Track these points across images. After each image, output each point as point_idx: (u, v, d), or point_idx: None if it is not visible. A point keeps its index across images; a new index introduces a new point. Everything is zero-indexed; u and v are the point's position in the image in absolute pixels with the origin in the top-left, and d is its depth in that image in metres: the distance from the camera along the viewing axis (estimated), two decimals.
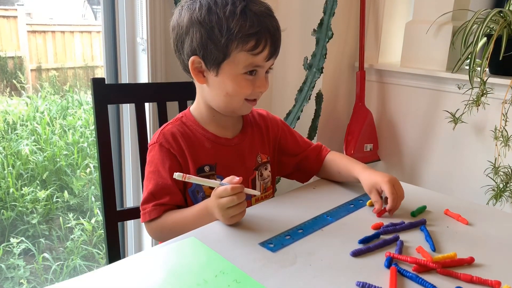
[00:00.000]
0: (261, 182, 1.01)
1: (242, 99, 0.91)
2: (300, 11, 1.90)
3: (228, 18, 0.83)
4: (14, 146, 2.19)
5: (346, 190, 1.02)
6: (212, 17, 0.83)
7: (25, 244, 1.94)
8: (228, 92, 0.89)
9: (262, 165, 1.01)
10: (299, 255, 0.72)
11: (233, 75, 0.87)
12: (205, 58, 0.87)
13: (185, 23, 0.86)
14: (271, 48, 0.87)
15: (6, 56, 2.25)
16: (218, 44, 0.84)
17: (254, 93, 0.91)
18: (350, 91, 2.06)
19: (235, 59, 0.85)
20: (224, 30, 0.83)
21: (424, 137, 1.90)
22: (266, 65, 0.89)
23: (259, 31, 0.84)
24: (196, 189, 0.93)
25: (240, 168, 0.96)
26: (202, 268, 0.67)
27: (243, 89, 0.89)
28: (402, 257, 0.71)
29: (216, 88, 0.90)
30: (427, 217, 0.88)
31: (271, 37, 0.86)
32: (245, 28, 0.83)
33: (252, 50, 0.85)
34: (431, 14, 1.76)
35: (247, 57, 0.85)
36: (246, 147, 0.99)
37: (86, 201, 2.24)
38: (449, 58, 1.78)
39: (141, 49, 1.53)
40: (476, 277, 0.67)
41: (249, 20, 0.83)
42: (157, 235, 0.92)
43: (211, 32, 0.84)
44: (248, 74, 0.88)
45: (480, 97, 1.58)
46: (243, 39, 0.83)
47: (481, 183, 1.67)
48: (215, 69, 0.87)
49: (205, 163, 0.93)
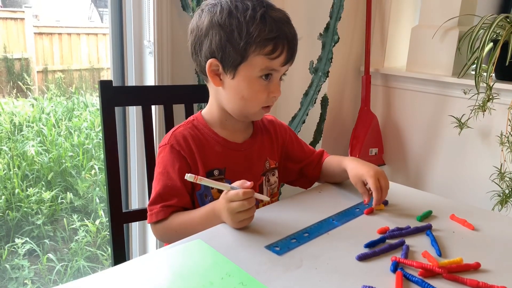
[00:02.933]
0: (267, 188, 1.01)
1: (258, 106, 0.92)
2: (307, 15, 1.90)
3: (248, 22, 0.84)
4: (20, 147, 2.20)
5: (351, 194, 1.02)
6: (233, 20, 0.85)
7: (30, 244, 1.94)
8: (244, 95, 0.90)
9: (270, 171, 1.02)
10: (305, 259, 0.72)
11: (249, 79, 0.88)
12: (222, 61, 0.88)
13: (205, 26, 0.88)
14: (287, 53, 0.89)
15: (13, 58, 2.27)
16: (236, 47, 0.85)
17: (269, 99, 0.92)
18: (355, 95, 2.06)
19: (252, 62, 0.87)
20: (244, 34, 0.85)
21: (430, 142, 1.90)
22: (281, 70, 0.91)
23: (277, 36, 0.86)
24: (204, 192, 0.93)
25: (248, 173, 0.97)
26: (208, 270, 0.67)
27: (258, 94, 0.90)
28: (408, 261, 0.71)
29: (232, 91, 0.91)
30: (432, 222, 0.88)
31: (288, 43, 0.88)
32: (264, 32, 0.85)
33: (269, 54, 0.86)
34: (437, 19, 1.76)
35: (264, 61, 0.87)
36: (255, 152, 0.99)
37: (91, 202, 2.25)
38: (455, 63, 1.77)
39: (148, 52, 1.54)
40: (482, 282, 0.66)
41: (268, 25, 0.85)
42: (163, 237, 0.92)
43: (231, 35, 0.85)
44: (263, 79, 0.89)
45: (486, 102, 1.58)
46: (262, 43, 0.85)
47: (487, 189, 1.66)
48: (232, 72, 0.88)
49: (215, 167, 0.93)
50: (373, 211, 0.92)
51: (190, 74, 1.61)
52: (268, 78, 0.90)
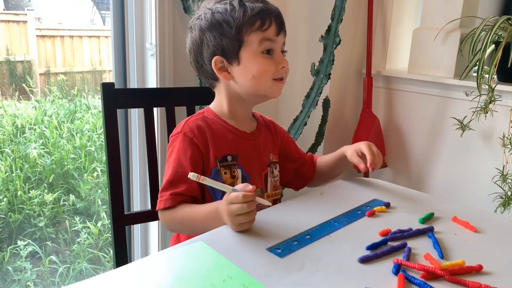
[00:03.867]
0: (272, 179, 1.05)
1: (269, 79, 0.95)
2: (308, 18, 1.90)
3: (231, 12, 0.92)
4: (22, 149, 2.21)
5: (353, 196, 1.02)
6: (218, 17, 0.93)
7: (32, 246, 1.95)
8: (254, 74, 0.94)
9: (273, 163, 1.05)
10: (306, 261, 0.72)
11: (253, 57, 0.93)
12: (224, 54, 0.94)
13: (198, 36, 0.95)
14: (276, 22, 0.94)
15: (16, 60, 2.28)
16: (230, 36, 0.92)
17: (278, 71, 0.96)
18: (357, 97, 2.06)
19: (249, 41, 0.92)
20: (231, 22, 0.92)
21: (432, 144, 1.90)
22: (277, 40, 0.95)
23: (260, 11, 0.92)
24: (215, 177, 0.94)
25: (256, 162, 1.01)
26: (210, 272, 0.68)
27: (266, 67, 0.94)
28: (410, 264, 0.71)
29: (243, 76, 0.95)
30: (434, 224, 0.88)
31: (273, 14, 0.94)
32: (248, 12, 0.91)
33: (260, 27, 0.92)
34: (439, 21, 1.76)
35: (258, 34, 0.92)
36: (261, 144, 1.03)
37: (93, 204, 2.25)
38: (457, 65, 1.77)
39: (149, 54, 1.54)
40: (484, 285, 0.66)
41: (249, 6, 0.92)
42: (169, 225, 0.94)
43: (221, 29, 0.92)
44: (265, 54, 0.94)
45: (488, 104, 1.58)
46: (250, 22, 0.92)
47: (489, 191, 1.66)
48: (236, 59, 0.94)
49: (228, 153, 0.96)
50: (375, 213, 0.92)
51: (191, 76, 1.61)
52: (270, 53, 0.94)
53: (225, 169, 0.95)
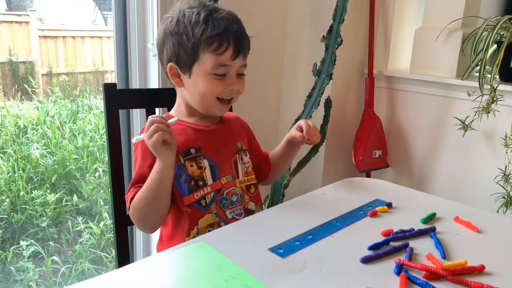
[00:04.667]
0: (242, 165, 1.06)
1: (213, 98, 0.98)
2: (310, 18, 1.90)
3: (193, 26, 0.93)
4: (25, 149, 2.21)
5: (355, 196, 1.02)
6: (180, 26, 0.94)
7: (35, 247, 1.95)
8: (200, 91, 0.96)
9: (242, 150, 1.07)
10: (308, 261, 0.72)
11: (203, 75, 0.95)
12: (178, 63, 0.97)
13: (161, 36, 0.98)
14: (235, 46, 0.94)
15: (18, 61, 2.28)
16: (187, 49, 0.94)
17: (226, 91, 0.97)
18: (359, 97, 2.06)
19: (203, 60, 0.94)
20: (191, 36, 0.93)
21: (434, 144, 1.89)
22: (233, 64, 0.96)
23: (220, 33, 0.93)
24: (178, 172, 0.96)
25: (223, 149, 1.03)
26: (212, 272, 0.68)
27: (213, 87, 0.96)
28: (412, 264, 0.71)
29: (191, 89, 0.98)
30: (436, 224, 0.88)
31: (234, 37, 0.94)
32: (207, 31, 0.92)
33: (216, 50, 0.93)
34: (440, 21, 1.76)
35: (213, 57, 0.94)
36: (225, 133, 1.05)
37: (95, 205, 2.26)
38: (458, 65, 1.77)
39: (151, 54, 1.54)
40: (487, 285, 0.66)
41: (211, 24, 0.93)
42: (134, 214, 0.93)
43: (181, 39, 0.94)
44: (217, 76, 0.95)
45: (490, 104, 1.58)
46: (207, 42, 0.93)
47: (491, 191, 1.66)
48: (188, 72, 0.96)
49: (191, 146, 0.99)
50: (377, 213, 0.92)
51: None
52: (223, 77, 0.96)
53: (191, 162, 0.97)
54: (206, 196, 0.97)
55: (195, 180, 0.97)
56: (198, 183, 0.97)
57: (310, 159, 1.69)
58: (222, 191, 0.99)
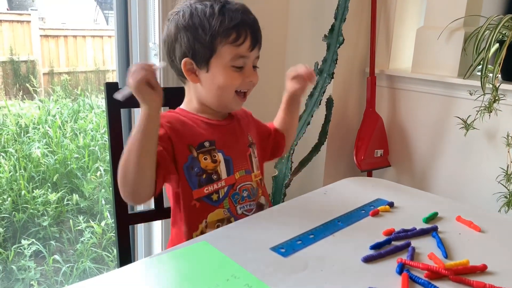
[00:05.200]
0: (254, 159, 1.06)
1: (232, 91, 0.96)
2: (311, 17, 1.90)
3: (209, 18, 0.91)
4: (26, 149, 2.22)
5: (357, 195, 1.02)
6: (195, 20, 0.92)
7: (36, 246, 1.96)
8: (220, 84, 0.95)
9: (253, 144, 1.07)
10: (310, 260, 0.72)
11: (222, 68, 0.94)
12: (195, 58, 0.94)
13: (173, 32, 0.95)
14: (252, 37, 0.94)
15: (19, 60, 2.29)
16: (203, 43, 0.92)
17: (244, 84, 0.96)
18: (360, 96, 2.05)
19: (221, 53, 0.92)
20: (207, 29, 0.91)
21: (435, 143, 1.89)
22: (250, 55, 0.95)
23: (238, 23, 0.92)
24: (191, 164, 0.94)
25: (237, 143, 1.02)
26: (214, 272, 0.68)
27: (233, 80, 0.95)
28: (414, 263, 0.71)
29: (209, 83, 0.96)
30: (438, 223, 0.88)
31: (250, 28, 0.94)
32: (225, 23, 0.91)
33: (234, 41, 0.92)
34: (442, 20, 1.76)
35: (232, 49, 0.92)
36: (237, 127, 1.05)
37: (96, 204, 2.26)
38: (460, 64, 1.77)
39: (153, 53, 1.54)
40: (489, 284, 0.66)
41: (227, 16, 0.92)
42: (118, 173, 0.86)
43: (196, 33, 0.92)
44: (235, 69, 0.94)
45: (492, 103, 1.57)
46: (225, 33, 0.91)
47: (493, 190, 1.66)
48: (205, 66, 0.94)
49: (205, 139, 0.97)
50: (379, 212, 0.92)
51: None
52: (241, 69, 0.95)
53: (205, 155, 0.96)
54: (220, 191, 0.96)
55: (208, 174, 0.95)
56: (212, 177, 0.95)
57: (311, 159, 1.69)
58: (236, 186, 0.98)
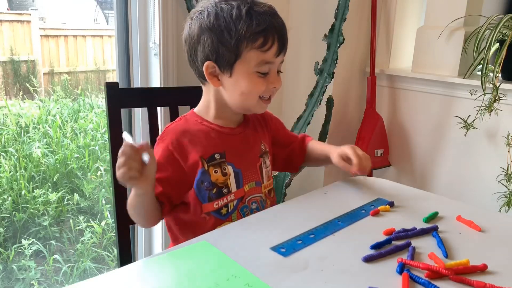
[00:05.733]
0: (265, 169, 1.04)
1: (256, 97, 0.94)
2: (311, 17, 1.90)
3: (235, 21, 0.87)
4: (26, 148, 2.21)
5: (357, 195, 1.02)
6: (220, 22, 0.88)
7: (36, 245, 1.96)
8: (243, 90, 0.92)
9: (265, 153, 1.04)
10: (310, 260, 0.72)
11: (246, 74, 0.91)
12: (218, 62, 0.91)
13: (196, 32, 0.91)
14: (279, 43, 0.90)
15: (20, 60, 2.28)
16: (229, 46, 0.88)
17: (268, 90, 0.94)
18: (360, 96, 2.05)
19: (246, 58, 0.89)
20: (233, 32, 0.87)
21: (436, 143, 1.89)
22: (276, 61, 0.92)
23: (265, 28, 0.88)
24: (200, 179, 0.93)
25: (247, 154, 1.00)
26: (214, 272, 0.68)
27: (257, 86, 0.92)
28: (414, 263, 0.71)
29: (231, 88, 0.93)
30: (439, 223, 0.87)
31: (278, 33, 0.90)
32: (252, 27, 0.87)
33: (261, 47, 0.89)
34: (443, 20, 1.76)
35: (258, 54, 0.89)
36: (250, 135, 1.02)
37: (97, 203, 2.26)
38: (461, 64, 1.77)
39: (153, 53, 1.54)
40: (489, 284, 0.66)
41: (255, 19, 0.87)
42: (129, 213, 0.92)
43: (221, 36, 0.88)
44: (260, 74, 0.91)
45: (493, 103, 1.57)
46: (252, 38, 0.88)
47: (493, 190, 1.66)
48: (229, 71, 0.91)
49: (215, 151, 0.95)
50: (379, 212, 0.91)
51: (195, 75, 1.61)
52: (265, 75, 0.92)
53: (215, 168, 0.94)
54: (229, 204, 0.95)
55: (218, 188, 0.93)
56: (222, 191, 0.94)
57: None
58: (245, 198, 0.97)
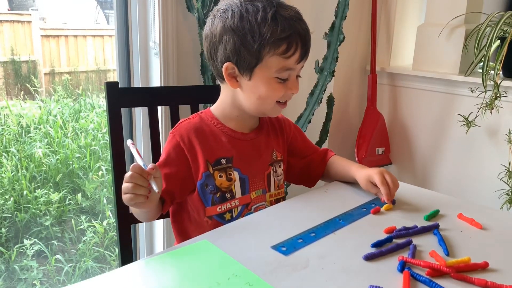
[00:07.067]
0: (275, 178, 1.02)
1: (273, 102, 0.93)
2: (312, 15, 1.90)
3: (260, 24, 0.85)
4: (28, 149, 2.22)
5: (358, 193, 1.02)
6: (245, 24, 0.86)
7: (38, 245, 1.96)
8: (261, 95, 0.91)
9: (277, 162, 1.02)
10: (311, 259, 0.72)
11: (266, 79, 0.90)
12: (238, 64, 0.89)
13: (218, 31, 0.89)
14: (302, 50, 0.89)
15: (20, 60, 2.28)
16: (251, 50, 0.87)
17: (286, 95, 0.93)
18: (361, 94, 2.05)
19: (268, 63, 0.88)
20: (257, 36, 0.86)
21: (437, 140, 1.89)
22: (297, 67, 0.92)
23: (290, 34, 0.87)
24: (205, 182, 0.93)
25: (256, 161, 0.98)
26: (215, 270, 0.68)
27: (275, 92, 0.91)
28: (415, 261, 0.71)
29: (249, 91, 0.92)
30: (440, 221, 0.87)
31: (302, 40, 0.89)
32: (277, 32, 0.85)
33: (284, 53, 0.87)
34: (443, 17, 1.75)
35: (279, 60, 0.88)
36: (262, 142, 1.01)
37: (98, 203, 2.26)
38: (461, 61, 1.76)
39: (153, 53, 1.54)
40: (490, 282, 0.66)
41: (280, 24, 0.86)
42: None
43: (244, 38, 0.87)
44: (279, 80, 0.90)
45: (494, 100, 1.57)
46: (275, 44, 0.86)
47: (495, 187, 1.65)
48: (248, 74, 0.90)
49: (222, 156, 0.94)
50: (380, 210, 0.91)
51: (195, 75, 1.61)
52: (285, 81, 0.91)
53: (220, 172, 0.93)
54: (233, 210, 0.94)
55: (222, 192, 0.93)
56: (226, 195, 0.93)
57: None
58: (250, 205, 0.96)
